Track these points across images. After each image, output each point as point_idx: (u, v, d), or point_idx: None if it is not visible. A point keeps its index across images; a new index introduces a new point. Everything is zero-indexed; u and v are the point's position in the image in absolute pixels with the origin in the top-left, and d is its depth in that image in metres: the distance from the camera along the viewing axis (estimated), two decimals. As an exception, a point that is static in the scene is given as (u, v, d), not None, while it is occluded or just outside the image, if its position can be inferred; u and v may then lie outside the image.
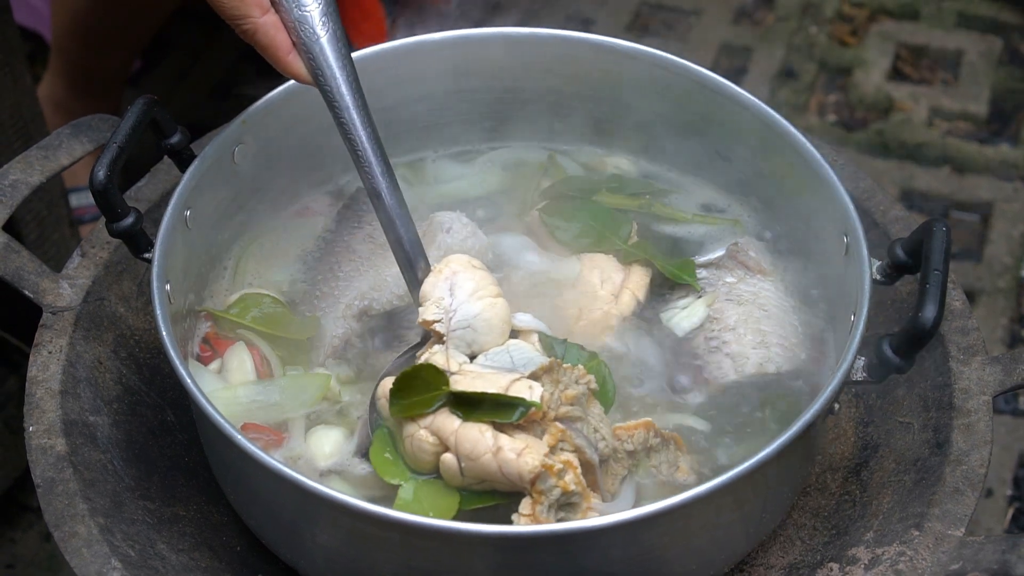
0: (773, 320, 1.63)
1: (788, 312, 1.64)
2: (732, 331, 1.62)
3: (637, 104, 1.79)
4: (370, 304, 1.62)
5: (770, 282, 1.67)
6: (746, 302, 1.65)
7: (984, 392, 1.56)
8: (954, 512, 1.46)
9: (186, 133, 1.63)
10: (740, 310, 1.64)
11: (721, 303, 1.65)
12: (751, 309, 1.64)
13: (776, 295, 1.66)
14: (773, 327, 1.62)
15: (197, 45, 3.48)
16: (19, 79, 2.20)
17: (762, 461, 1.33)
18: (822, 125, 3.25)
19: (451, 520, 1.36)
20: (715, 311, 1.64)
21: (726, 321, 1.63)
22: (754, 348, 1.60)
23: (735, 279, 1.67)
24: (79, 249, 1.68)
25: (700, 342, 1.62)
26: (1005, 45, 3.41)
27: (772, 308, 1.64)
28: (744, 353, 1.60)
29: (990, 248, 2.97)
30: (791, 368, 1.59)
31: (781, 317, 1.63)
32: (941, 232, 1.45)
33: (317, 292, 1.65)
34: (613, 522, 1.29)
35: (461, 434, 1.37)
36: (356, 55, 1.68)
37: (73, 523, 1.44)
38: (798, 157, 1.62)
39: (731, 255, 1.70)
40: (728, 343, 1.61)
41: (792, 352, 1.61)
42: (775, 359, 1.60)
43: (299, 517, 1.41)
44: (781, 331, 1.62)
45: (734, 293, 1.66)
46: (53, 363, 1.57)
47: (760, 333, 1.62)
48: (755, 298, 1.65)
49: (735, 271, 1.68)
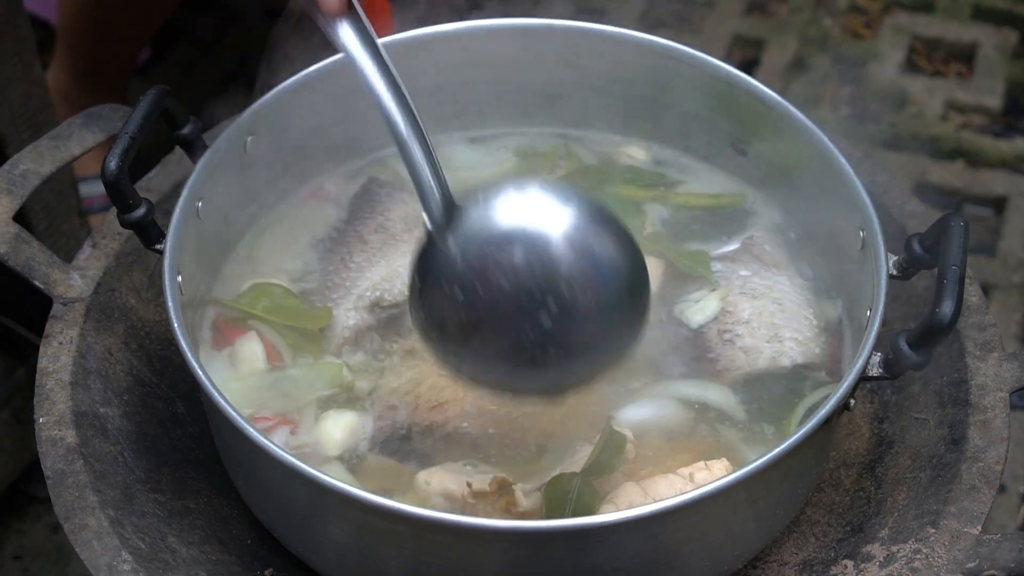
0: (787, 314, 1.62)
1: (802, 306, 1.63)
2: (746, 324, 1.61)
3: (653, 96, 1.78)
4: (382, 295, 1.62)
5: (785, 276, 1.66)
6: (760, 296, 1.64)
7: (1001, 389, 1.55)
8: (970, 510, 1.45)
9: (198, 123, 1.62)
10: (754, 304, 1.63)
11: (735, 296, 1.64)
12: (765, 303, 1.63)
13: (791, 289, 1.65)
14: (787, 321, 1.61)
15: (207, 35, 3.47)
16: (29, 69, 2.19)
17: (777, 457, 1.31)
18: (835, 117, 3.23)
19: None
20: (729, 304, 1.63)
21: (740, 314, 1.62)
22: (767, 342, 1.59)
23: (750, 272, 1.66)
24: (90, 240, 1.67)
25: (714, 335, 1.61)
26: (1021, 38, 3.39)
27: (786, 302, 1.63)
28: (758, 347, 1.59)
29: (1004, 242, 2.96)
30: (805, 362, 1.58)
31: (795, 311, 1.62)
32: (959, 227, 1.43)
33: (329, 282, 1.64)
34: (627, 517, 1.28)
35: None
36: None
37: (83, 515, 1.43)
38: (814, 151, 1.61)
39: (746, 248, 1.69)
40: (742, 336, 1.60)
41: (806, 346, 1.59)
42: (788, 352, 1.58)
43: (310, 510, 1.40)
44: (795, 324, 1.61)
45: (748, 286, 1.65)
46: (64, 354, 1.57)
47: (773, 327, 1.61)
48: (770, 291, 1.64)
49: (750, 264, 1.67)
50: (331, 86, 1.68)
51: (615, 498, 1.40)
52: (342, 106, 1.72)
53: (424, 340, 1.38)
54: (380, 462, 1.51)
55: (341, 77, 1.68)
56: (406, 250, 1.64)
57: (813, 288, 1.66)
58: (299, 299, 1.63)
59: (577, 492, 1.39)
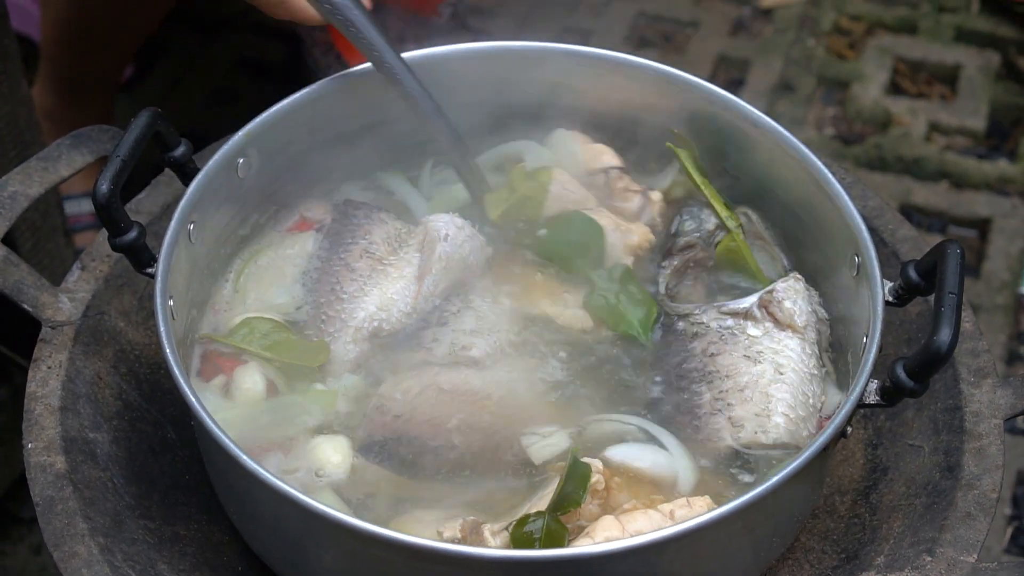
0: (786, 385, 1.53)
1: (805, 380, 1.54)
2: (740, 392, 1.53)
3: (642, 119, 1.78)
4: (380, 325, 1.59)
5: (797, 340, 1.56)
6: (763, 360, 1.55)
7: (995, 415, 1.55)
8: (966, 537, 1.44)
9: (189, 146, 1.61)
10: (754, 370, 1.54)
11: (738, 358, 1.56)
12: (766, 368, 1.54)
13: (799, 356, 1.55)
14: (783, 394, 1.52)
15: (192, 50, 3.45)
16: (16, 87, 2.18)
17: (775, 486, 1.31)
18: (820, 138, 3.24)
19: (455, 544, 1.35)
20: (729, 367, 1.55)
21: (737, 379, 1.54)
22: (756, 415, 1.51)
23: (760, 332, 1.57)
24: (79, 262, 1.66)
25: (707, 400, 1.54)
26: (1003, 60, 3.41)
27: (788, 371, 1.54)
28: (743, 420, 1.52)
29: (988, 264, 2.96)
30: (789, 441, 1.50)
31: (795, 383, 1.53)
32: (955, 254, 1.43)
33: (323, 315, 1.61)
34: (624, 547, 1.28)
35: None
36: (360, 69, 1.68)
37: (73, 543, 1.41)
38: (807, 175, 1.61)
39: (763, 304, 1.59)
40: (732, 406, 1.53)
41: (795, 426, 1.51)
42: (773, 431, 1.50)
43: (302, 537, 1.38)
44: (790, 400, 1.52)
45: (754, 349, 1.56)
46: (52, 378, 1.55)
47: (766, 398, 1.52)
48: (774, 356, 1.55)
49: (762, 323, 1.58)
50: (321, 109, 1.67)
51: (592, 532, 1.38)
52: (331, 129, 1.71)
53: None
54: (368, 468, 1.49)
55: (336, 98, 1.68)
56: (396, 275, 1.63)
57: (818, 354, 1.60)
58: (293, 332, 1.61)
59: (545, 530, 1.38)
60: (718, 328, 1.59)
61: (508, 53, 1.76)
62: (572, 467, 1.43)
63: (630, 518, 1.39)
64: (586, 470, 1.43)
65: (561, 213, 1.74)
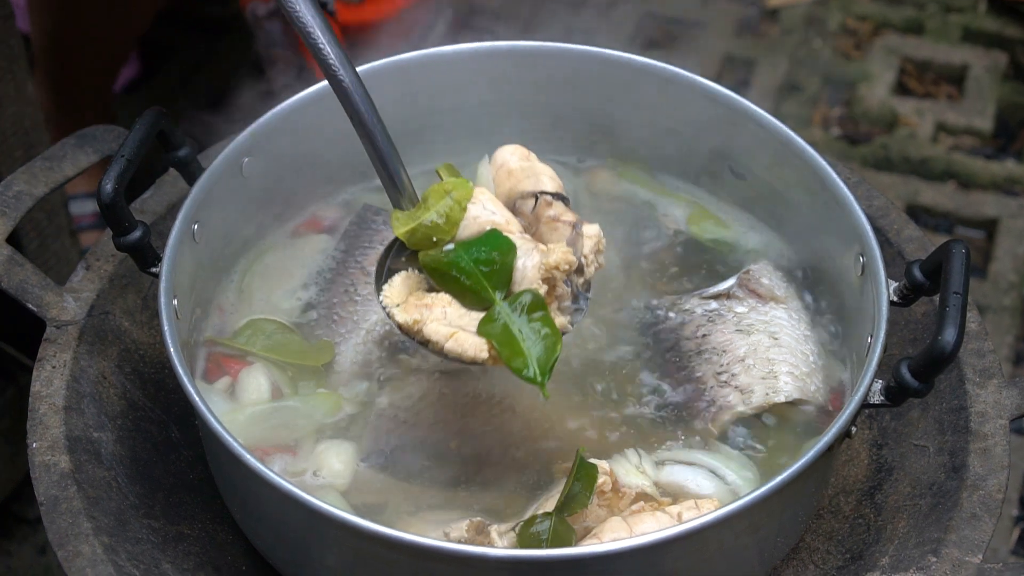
0: (784, 348, 1.59)
1: (800, 340, 1.60)
2: (741, 362, 1.58)
3: (647, 119, 1.77)
4: (392, 328, 1.59)
5: (783, 309, 1.63)
6: (756, 331, 1.61)
7: (1001, 416, 1.54)
8: (971, 538, 1.44)
9: (194, 145, 1.61)
10: (750, 340, 1.60)
11: (730, 334, 1.61)
12: (761, 338, 1.60)
13: (789, 322, 1.62)
14: (783, 355, 1.58)
15: (198, 52, 3.46)
16: (21, 87, 2.18)
17: (779, 486, 1.31)
18: (826, 139, 3.23)
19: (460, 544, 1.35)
20: (724, 343, 1.60)
21: (735, 352, 1.59)
22: (762, 379, 1.56)
23: (746, 308, 1.63)
24: (83, 262, 1.66)
25: (710, 377, 1.58)
26: (1010, 60, 3.40)
27: (783, 336, 1.60)
28: (751, 385, 1.56)
29: (995, 265, 2.96)
30: (801, 396, 1.55)
31: (792, 345, 1.59)
32: (961, 254, 1.43)
33: (335, 315, 1.62)
34: (630, 546, 1.28)
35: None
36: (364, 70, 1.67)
37: (77, 542, 1.41)
38: (812, 175, 1.60)
39: (742, 284, 1.66)
40: (737, 375, 1.57)
41: (802, 381, 1.56)
42: (783, 388, 1.55)
43: (306, 537, 1.38)
44: (792, 359, 1.58)
45: (744, 323, 1.62)
46: (57, 378, 1.55)
47: (768, 363, 1.58)
48: (766, 326, 1.61)
49: (746, 300, 1.64)
50: (326, 108, 1.67)
51: (599, 533, 1.38)
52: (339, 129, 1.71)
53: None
54: (372, 476, 1.49)
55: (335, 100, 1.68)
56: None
57: (810, 319, 1.64)
58: (297, 334, 1.62)
59: (552, 531, 1.38)
60: (704, 312, 1.64)
61: (510, 53, 1.76)
62: (579, 468, 1.43)
63: (637, 520, 1.39)
64: (593, 471, 1.42)
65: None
